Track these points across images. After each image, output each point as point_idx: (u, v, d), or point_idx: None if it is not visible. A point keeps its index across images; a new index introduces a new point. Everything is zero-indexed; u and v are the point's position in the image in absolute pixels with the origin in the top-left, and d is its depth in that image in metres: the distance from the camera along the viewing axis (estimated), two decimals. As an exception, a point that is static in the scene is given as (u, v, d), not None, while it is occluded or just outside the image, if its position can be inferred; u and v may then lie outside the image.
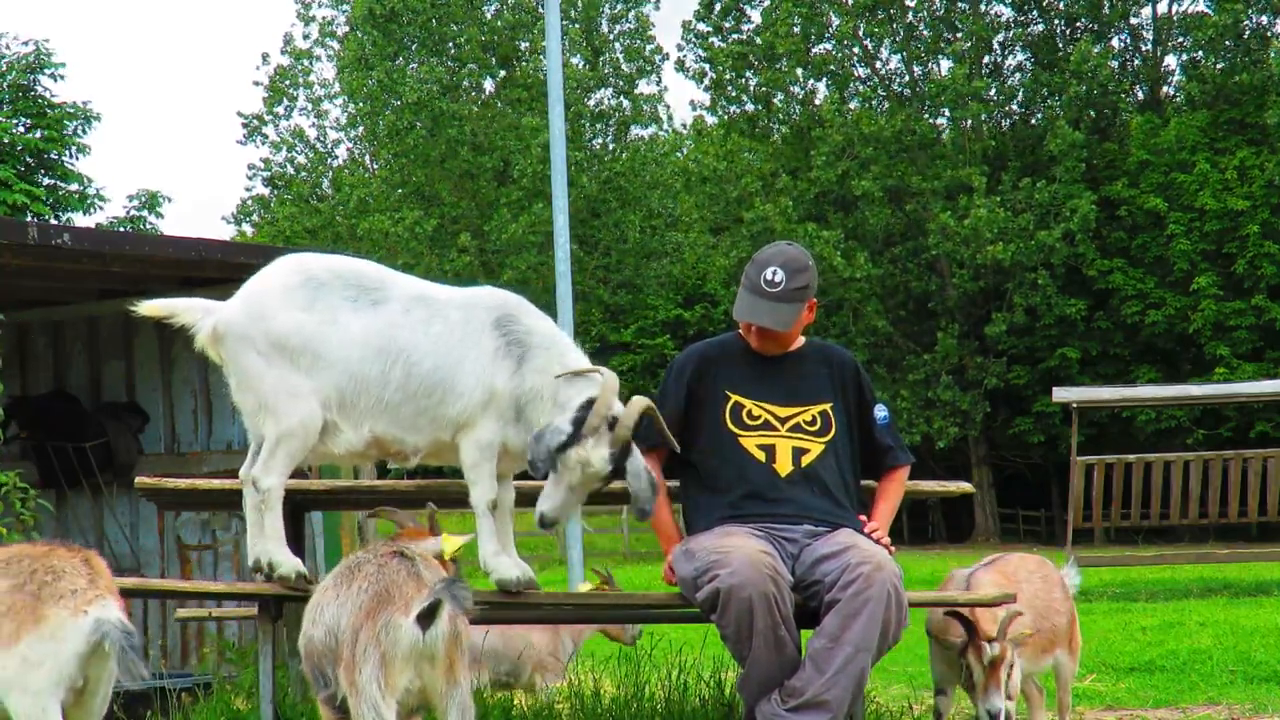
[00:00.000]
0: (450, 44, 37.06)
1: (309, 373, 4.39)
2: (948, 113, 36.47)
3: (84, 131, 22.62)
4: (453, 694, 3.72)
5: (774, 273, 4.51)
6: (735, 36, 37.90)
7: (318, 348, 4.39)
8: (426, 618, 3.63)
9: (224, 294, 4.57)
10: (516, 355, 4.42)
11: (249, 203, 43.94)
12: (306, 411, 4.38)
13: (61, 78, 22.95)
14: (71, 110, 22.46)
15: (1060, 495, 35.12)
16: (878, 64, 37.80)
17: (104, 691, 3.95)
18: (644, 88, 37.94)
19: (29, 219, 18.84)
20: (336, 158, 42.50)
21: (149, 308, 4.45)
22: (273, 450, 4.40)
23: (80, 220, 22.27)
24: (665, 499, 4.66)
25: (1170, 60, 37.73)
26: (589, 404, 4.28)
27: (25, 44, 22.88)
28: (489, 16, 37.35)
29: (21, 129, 22.36)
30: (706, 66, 38.29)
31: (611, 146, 37.27)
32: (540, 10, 34.50)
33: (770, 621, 4.17)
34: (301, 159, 42.06)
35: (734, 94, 38.35)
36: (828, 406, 4.62)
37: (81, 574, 3.88)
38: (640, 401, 4.34)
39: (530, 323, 4.49)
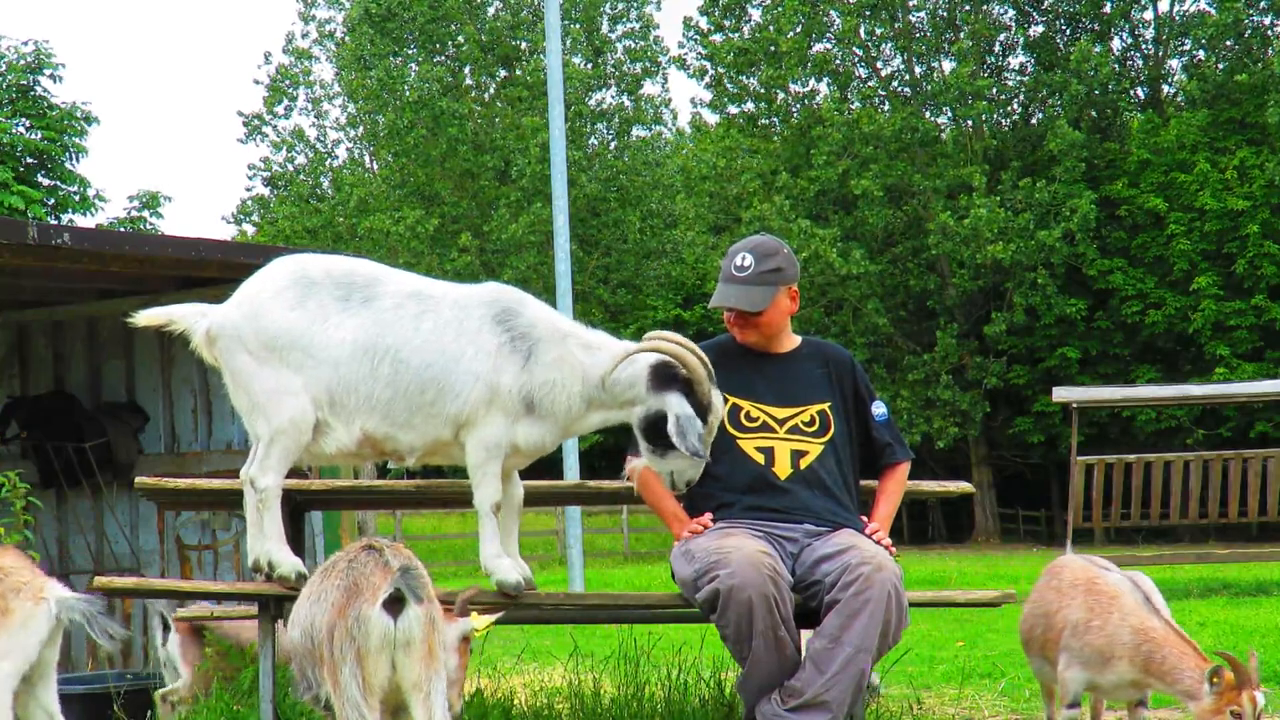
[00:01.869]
0: (449, 44, 37.04)
1: (299, 370, 4.38)
2: (949, 112, 36.46)
3: (82, 133, 22.59)
4: (434, 682, 3.65)
5: (743, 258, 4.57)
6: (735, 35, 37.86)
7: (307, 345, 4.38)
8: (394, 604, 3.58)
9: (224, 294, 4.59)
10: (524, 350, 4.38)
11: (249, 203, 43.94)
12: (298, 409, 4.37)
13: (60, 79, 22.91)
14: (70, 111, 22.45)
15: (1060, 495, 35.12)
16: (879, 64, 37.80)
17: (53, 672, 4.13)
18: (649, 88, 37.96)
19: (29, 219, 18.83)
20: (336, 157, 42.49)
21: (145, 318, 4.48)
22: (267, 450, 4.41)
23: (80, 221, 22.26)
24: (666, 489, 4.62)
25: (1171, 60, 37.74)
26: (663, 372, 4.28)
27: (25, 44, 22.88)
28: (489, 16, 37.33)
29: (22, 130, 22.34)
30: (708, 64, 38.27)
31: (613, 145, 37.24)
32: (541, 10, 34.51)
33: (770, 622, 4.17)
34: (301, 159, 42.05)
35: (735, 91, 38.33)
36: (825, 406, 4.62)
37: (24, 566, 4.01)
38: (688, 344, 4.33)
39: (532, 315, 4.45)
